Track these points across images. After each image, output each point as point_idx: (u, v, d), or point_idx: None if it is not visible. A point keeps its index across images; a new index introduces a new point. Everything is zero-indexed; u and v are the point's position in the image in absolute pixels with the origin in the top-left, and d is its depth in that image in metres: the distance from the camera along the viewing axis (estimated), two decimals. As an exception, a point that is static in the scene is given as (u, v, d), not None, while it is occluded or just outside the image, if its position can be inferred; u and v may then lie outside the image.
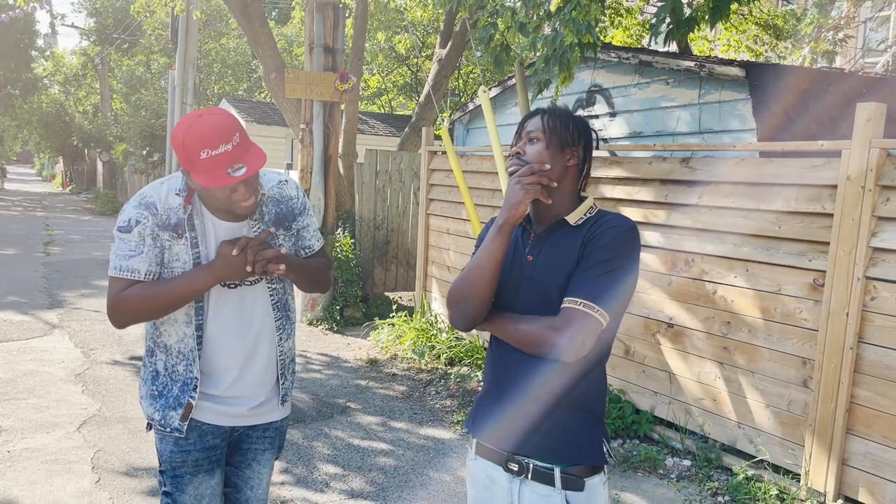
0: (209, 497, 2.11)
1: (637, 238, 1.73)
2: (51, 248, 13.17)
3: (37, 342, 6.45)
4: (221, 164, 1.80)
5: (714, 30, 12.70)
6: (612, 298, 1.65)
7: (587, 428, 1.75)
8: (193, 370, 2.03)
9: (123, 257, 1.94)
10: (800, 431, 3.70)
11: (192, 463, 2.07)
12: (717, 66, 4.38)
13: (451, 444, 4.52)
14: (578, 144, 1.78)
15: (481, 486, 1.85)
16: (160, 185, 2.01)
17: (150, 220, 1.94)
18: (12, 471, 3.83)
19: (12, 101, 27.78)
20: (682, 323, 4.33)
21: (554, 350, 1.63)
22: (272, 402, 2.18)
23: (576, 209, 1.78)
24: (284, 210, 2.12)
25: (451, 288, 1.81)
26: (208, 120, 1.82)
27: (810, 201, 3.64)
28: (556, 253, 1.74)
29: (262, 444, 2.20)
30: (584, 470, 1.73)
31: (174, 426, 2.04)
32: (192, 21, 11.85)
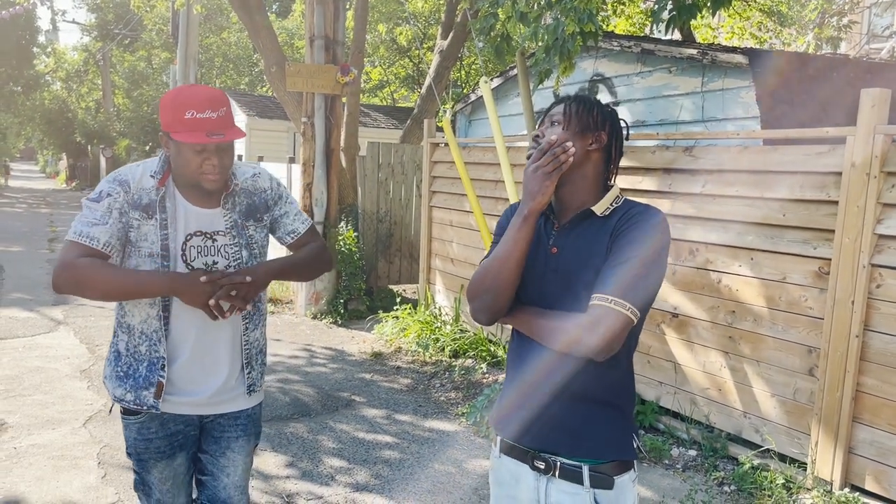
0: (173, 478, 2.20)
1: (667, 231, 1.66)
2: (55, 245, 13.19)
3: (42, 339, 6.47)
4: (202, 127, 1.90)
5: (717, 17, 12.63)
6: (644, 295, 1.60)
7: (615, 423, 1.70)
8: (160, 350, 2.06)
9: (86, 224, 1.96)
10: (806, 420, 3.68)
11: (154, 450, 2.14)
12: (720, 53, 4.34)
13: (456, 436, 4.51)
14: (601, 130, 1.71)
15: (506, 484, 1.81)
16: (136, 167, 2.08)
17: (122, 195, 1.99)
18: (19, 467, 3.84)
19: (15, 98, 27.83)
20: (687, 312, 4.31)
21: (584, 350, 1.58)
22: (237, 390, 2.19)
23: (602, 199, 1.70)
24: (257, 202, 2.18)
25: (471, 280, 1.75)
26: (200, 89, 1.96)
27: (815, 189, 3.62)
28: (583, 245, 1.68)
29: (234, 433, 2.23)
30: (613, 467, 1.68)
31: (150, 404, 2.07)
32: (193, 15, 11.83)
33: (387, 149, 8.63)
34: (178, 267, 2.04)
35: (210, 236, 2.08)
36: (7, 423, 4.43)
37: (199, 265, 2.06)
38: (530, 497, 1.75)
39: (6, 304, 7.81)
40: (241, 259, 2.12)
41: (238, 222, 2.13)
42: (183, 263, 2.04)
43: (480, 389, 5.21)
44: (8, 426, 4.38)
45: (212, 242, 2.08)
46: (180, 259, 2.04)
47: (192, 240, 2.05)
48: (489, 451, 4.23)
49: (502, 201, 5.88)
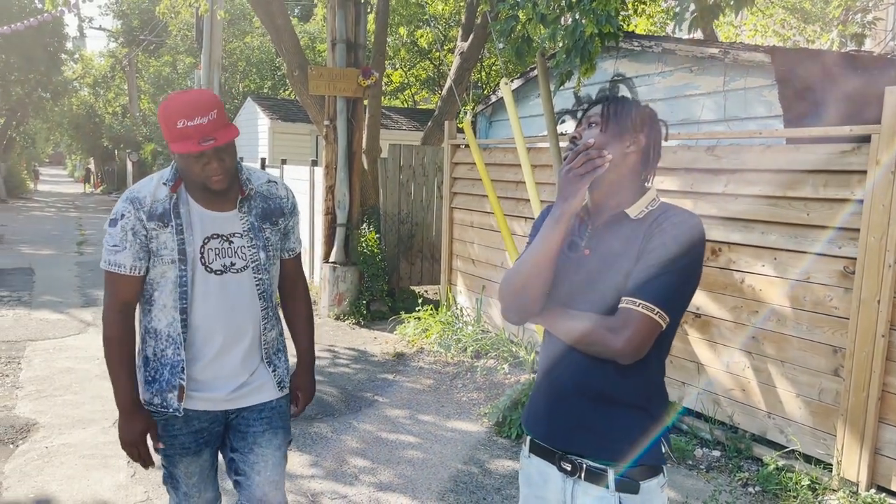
0: (199, 473, 2.28)
1: (702, 235, 1.62)
2: (84, 248, 13.42)
3: (72, 340, 6.59)
4: (194, 135, 1.93)
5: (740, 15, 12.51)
6: (674, 300, 1.59)
7: (643, 427, 1.67)
8: (180, 353, 2.13)
9: (110, 251, 2.08)
10: (831, 421, 3.66)
11: (179, 446, 2.21)
12: (742, 52, 4.32)
13: (478, 436, 4.53)
14: (640, 132, 1.68)
15: (535, 484, 1.81)
16: (150, 180, 2.15)
17: (133, 214, 2.06)
18: (51, 466, 3.93)
19: (43, 105, 28.30)
20: (710, 313, 4.29)
21: (610, 352, 1.59)
22: (256, 383, 2.24)
23: (637, 201, 1.68)
24: (272, 206, 2.24)
25: (503, 279, 1.75)
26: (189, 95, 1.98)
27: (839, 188, 3.59)
28: (615, 248, 1.66)
29: (259, 426, 2.26)
30: (640, 472, 1.65)
31: (174, 407, 2.15)
32: (217, 21, 11.98)
33: (408, 151, 8.68)
34: (197, 270, 2.09)
35: (227, 238, 2.13)
36: (39, 422, 4.53)
37: (217, 267, 2.12)
38: (558, 498, 1.75)
39: (37, 306, 7.97)
40: (258, 260, 2.17)
41: (255, 225, 2.18)
42: (202, 266, 2.10)
43: (503, 390, 5.22)
44: (40, 426, 4.48)
45: (228, 245, 2.13)
46: (199, 262, 2.10)
47: (210, 243, 2.11)
48: (512, 451, 4.26)
49: (523, 202, 5.89)
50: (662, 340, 1.64)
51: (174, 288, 2.09)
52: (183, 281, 2.08)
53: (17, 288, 8.99)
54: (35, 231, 16.18)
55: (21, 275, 10.01)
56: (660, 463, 1.68)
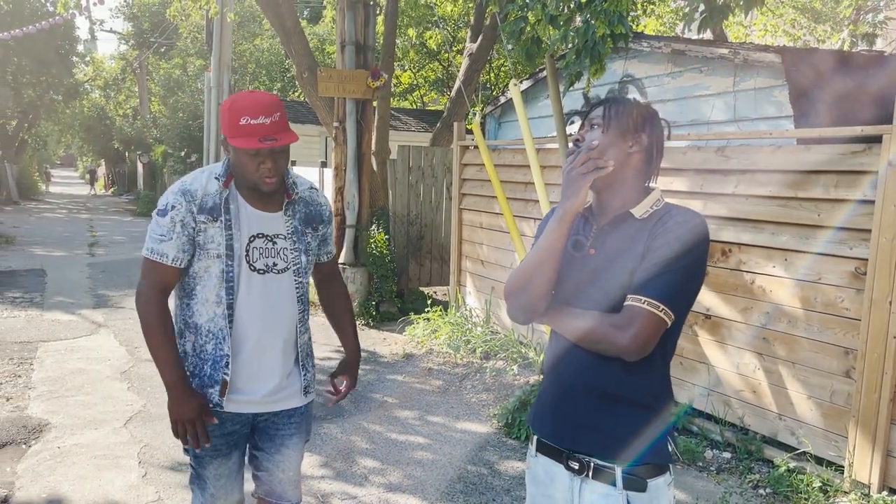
0: (227, 476, 2.30)
1: (706, 234, 1.65)
2: (95, 250, 13.50)
3: (84, 341, 6.64)
4: (256, 133, 1.98)
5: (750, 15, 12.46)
6: (678, 297, 1.61)
7: (650, 426, 1.69)
8: (224, 348, 2.15)
9: (156, 240, 2.10)
10: (843, 422, 3.64)
11: (211, 448, 2.22)
12: (752, 52, 4.30)
13: (488, 437, 4.53)
14: (641, 132, 1.70)
15: (542, 483, 1.82)
16: (201, 173, 2.17)
17: (184, 206, 2.08)
18: (63, 466, 3.95)
19: (55, 107, 28.49)
20: (720, 314, 4.28)
21: (616, 349, 1.60)
22: (290, 389, 2.29)
23: (642, 201, 1.71)
24: (314, 212, 2.30)
25: (508, 279, 1.77)
26: (256, 95, 2.04)
27: (850, 188, 3.57)
28: (620, 247, 1.68)
29: (289, 430, 2.32)
30: (647, 470, 1.67)
31: (215, 401, 2.17)
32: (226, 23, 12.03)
33: (417, 152, 8.69)
34: (241, 267, 2.12)
35: (271, 239, 2.17)
36: (51, 423, 4.57)
37: (260, 266, 2.15)
38: (565, 497, 1.76)
39: (49, 307, 8.03)
40: (300, 263, 2.22)
41: (298, 228, 2.23)
42: (246, 264, 2.13)
43: (512, 391, 5.22)
44: (52, 426, 4.51)
45: (272, 245, 2.17)
46: (244, 259, 2.13)
47: (255, 241, 2.15)
48: (521, 452, 4.25)
49: (532, 203, 5.89)
50: (667, 339, 1.66)
51: (218, 283, 2.11)
52: (230, 276, 2.11)
53: (29, 289, 9.06)
54: (47, 232, 16.29)
55: (33, 276, 10.08)
56: (667, 461, 1.70)
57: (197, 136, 18.99)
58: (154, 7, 27.67)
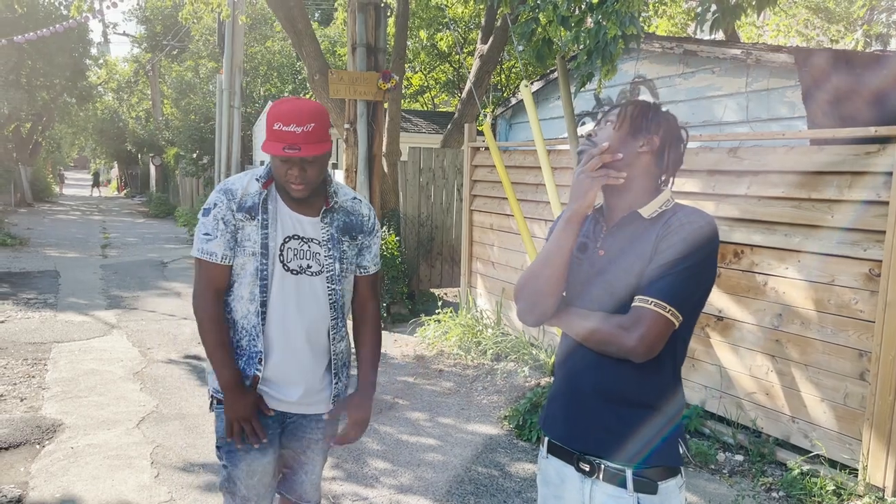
0: (260, 473, 2.27)
1: (715, 235, 1.64)
2: (108, 251, 13.60)
3: (97, 342, 6.68)
4: (282, 139, 2.01)
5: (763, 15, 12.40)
6: (686, 298, 1.60)
7: (660, 428, 1.68)
8: (258, 344, 2.18)
9: (203, 239, 2.16)
10: (857, 425, 3.61)
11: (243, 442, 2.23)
12: (765, 52, 4.28)
13: (499, 440, 4.53)
14: (654, 133, 1.69)
15: (553, 484, 1.83)
16: (245, 175, 2.23)
17: (224, 203, 2.14)
18: (76, 466, 3.98)
19: (69, 109, 28.73)
20: (732, 316, 4.26)
21: (623, 350, 1.60)
22: (321, 395, 2.30)
23: (650, 202, 1.70)
24: (354, 222, 2.29)
25: (518, 281, 1.78)
26: (297, 103, 2.06)
27: (864, 189, 3.54)
28: (629, 248, 1.67)
29: (316, 435, 2.35)
30: (657, 472, 1.66)
31: None
32: (238, 26, 12.09)
33: (428, 154, 8.70)
34: (275, 266, 2.15)
35: (306, 241, 2.19)
36: (64, 423, 4.60)
37: (294, 267, 2.18)
38: (576, 498, 1.76)
39: (62, 308, 8.09)
40: (333, 271, 2.23)
41: (335, 236, 2.24)
42: (280, 264, 2.16)
43: (523, 393, 5.21)
44: (65, 426, 4.55)
45: (307, 247, 2.20)
46: (278, 259, 2.16)
47: (290, 242, 2.17)
48: (532, 454, 4.25)
49: (543, 204, 5.88)
50: (677, 341, 1.65)
51: (252, 280, 2.15)
52: (263, 274, 2.14)
53: (43, 290, 9.13)
54: (60, 234, 16.42)
55: (47, 277, 10.16)
56: (678, 464, 1.69)
57: (209, 138, 19.10)
58: (166, 10, 27.84)
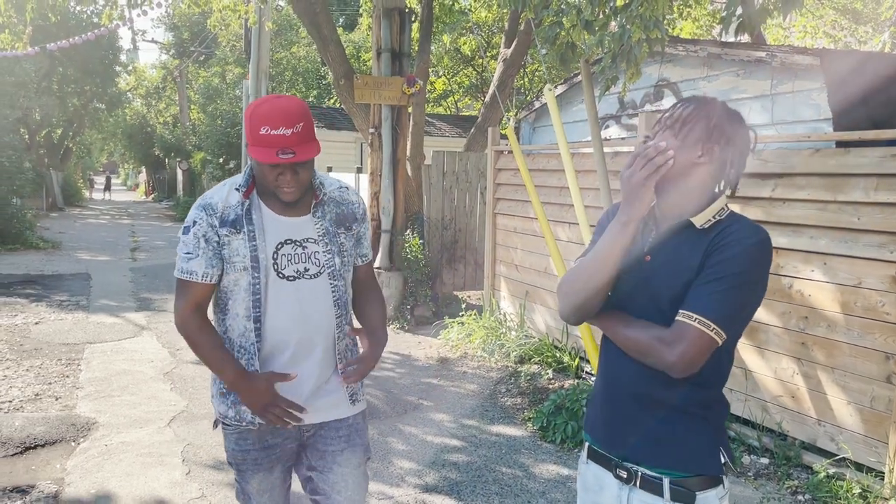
0: (270, 490, 2.23)
1: (768, 251, 1.58)
2: (137, 254, 13.83)
3: (128, 343, 6.82)
4: (275, 145, 1.89)
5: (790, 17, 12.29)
6: (732, 317, 1.54)
7: (700, 436, 1.64)
8: (254, 363, 2.08)
9: (184, 259, 2.06)
10: (883, 428, 3.58)
11: (251, 461, 2.18)
12: (790, 55, 4.27)
13: (523, 441, 4.56)
14: (715, 143, 1.60)
15: (591, 490, 1.81)
16: (222, 187, 2.11)
17: (205, 220, 2.03)
18: (110, 463, 4.08)
19: (98, 115, 29.24)
20: (758, 318, 4.25)
21: (662, 364, 1.56)
22: (333, 397, 2.18)
23: (704, 210, 1.62)
24: (345, 212, 2.20)
25: (564, 277, 1.73)
26: (279, 102, 1.93)
27: (891, 191, 3.53)
28: (676, 257, 1.62)
29: (338, 445, 2.19)
30: (697, 482, 1.61)
31: (248, 419, 2.11)
32: (265, 32, 12.23)
33: (451, 157, 8.75)
34: (269, 277, 2.05)
35: (300, 244, 2.08)
36: (98, 421, 4.71)
37: (290, 273, 2.07)
38: None
39: (94, 309, 8.26)
40: (334, 266, 2.12)
41: (330, 230, 2.13)
42: (274, 273, 2.05)
43: (546, 395, 5.23)
44: (99, 425, 4.66)
45: (302, 250, 2.08)
46: (272, 269, 2.05)
47: (283, 248, 2.06)
48: (556, 456, 4.28)
49: (567, 207, 5.90)
50: (722, 356, 1.61)
51: (246, 296, 2.04)
52: (256, 288, 2.03)
53: (75, 292, 9.33)
54: (91, 238, 16.73)
55: (79, 280, 10.38)
56: (719, 473, 1.63)
57: (235, 142, 19.34)
58: (194, 17, 28.25)
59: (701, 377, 1.60)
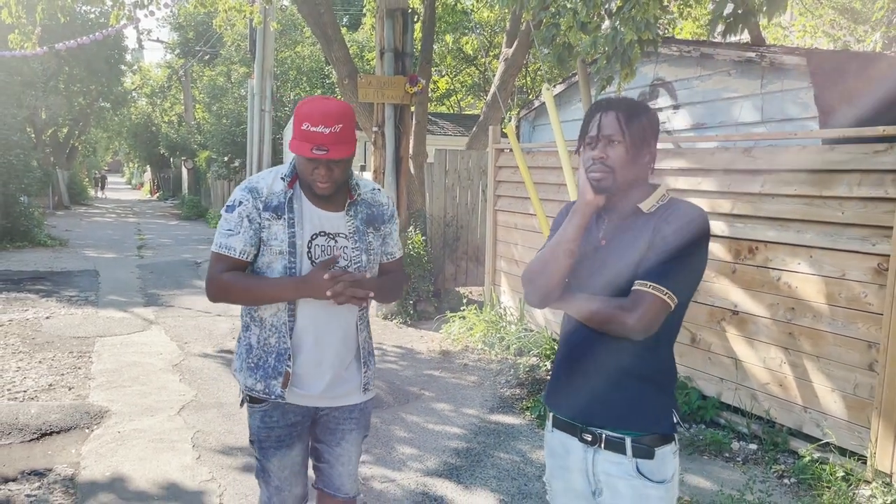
0: (290, 466, 2.38)
1: (705, 226, 1.81)
2: (144, 252, 14.02)
3: (137, 336, 6.99)
4: (311, 140, 2.07)
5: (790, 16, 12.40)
6: (680, 282, 1.78)
7: (656, 399, 1.86)
8: (287, 341, 2.24)
9: (224, 235, 2.21)
10: (866, 414, 3.73)
11: (275, 438, 2.33)
12: (779, 55, 4.42)
13: (521, 429, 4.71)
14: (652, 139, 1.87)
15: (559, 455, 1.99)
16: (269, 173, 2.29)
17: (251, 202, 2.19)
18: (123, 448, 4.25)
19: (104, 114, 29.48)
20: (747, 310, 4.40)
21: (623, 329, 1.76)
22: (349, 385, 2.36)
23: (649, 197, 1.87)
24: (375, 213, 2.37)
25: (527, 267, 1.95)
26: (324, 103, 2.11)
27: (873, 186, 3.67)
28: (628, 239, 1.84)
29: (349, 425, 2.41)
30: (654, 439, 1.83)
31: (277, 393, 2.26)
32: (269, 32, 12.40)
33: (453, 156, 8.90)
34: (303, 263, 2.21)
35: (332, 237, 2.25)
36: (111, 410, 4.88)
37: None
38: (580, 467, 1.93)
39: (103, 305, 8.44)
40: (360, 262, 2.29)
41: (360, 228, 2.30)
42: (308, 260, 2.21)
43: (544, 385, 5.38)
44: (112, 413, 4.82)
45: (334, 243, 2.25)
46: (305, 256, 2.21)
47: (317, 239, 2.23)
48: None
49: (567, 203, 6.04)
50: (672, 321, 1.83)
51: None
52: (291, 272, 2.19)
53: (84, 288, 9.51)
54: (98, 236, 16.93)
55: (87, 276, 10.56)
56: (671, 431, 1.87)
57: (240, 141, 19.49)
58: (199, 17, 28.44)
59: (655, 342, 1.82)
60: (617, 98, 1.93)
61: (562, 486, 2.01)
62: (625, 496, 1.85)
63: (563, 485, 2.00)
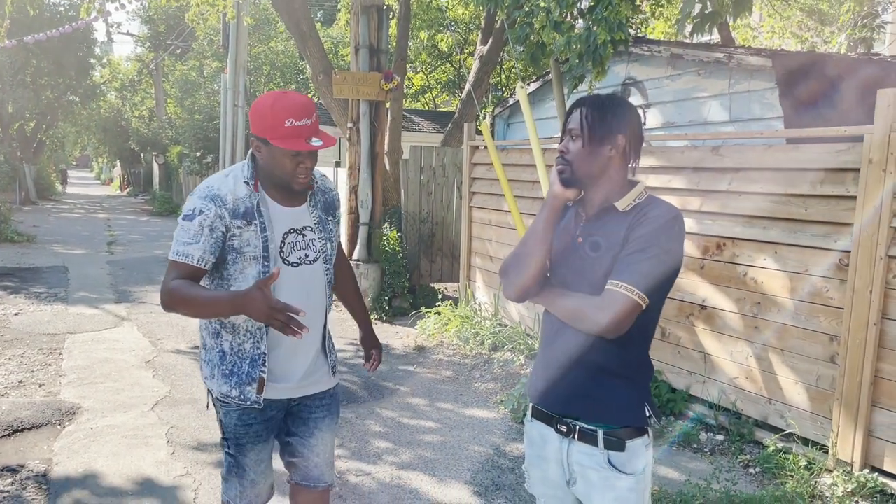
0: (266, 459, 2.39)
1: (681, 226, 1.83)
2: (114, 248, 13.85)
3: (108, 333, 6.93)
4: (302, 134, 2.07)
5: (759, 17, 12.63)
6: (653, 283, 1.78)
7: (628, 394, 1.89)
8: (261, 346, 2.21)
9: (182, 243, 2.10)
10: (827, 405, 3.86)
11: (253, 434, 2.31)
12: (745, 56, 4.53)
13: (495, 423, 4.78)
14: (617, 133, 1.85)
15: (536, 444, 2.05)
16: (225, 178, 2.18)
17: (213, 211, 2.09)
18: (96, 444, 4.23)
19: (72, 108, 28.95)
20: (715, 305, 4.50)
21: (596, 327, 1.79)
22: (319, 372, 2.37)
23: (626, 195, 1.88)
24: (329, 199, 2.40)
25: (504, 260, 2.01)
26: (295, 96, 2.11)
27: (835, 185, 3.79)
28: (604, 236, 1.86)
29: (321, 412, 2.41)
30: (626, 432, 1.87)
31: (252, 399, 2.24)
32: (243, 26, 12.32)
33: (429, 152, 8.94)
34: (277, 264, 2.18)
35: (300, 232, 2.25)
36: (83, 406, 4.85)
37: (294, 260, 2.23)
38: (556, 457, 1.99)
39: (73, 301, 8.35)
40: (326, 251, 2.31)
41: (321, 217, 2.32)
42: (281, 260, 2.20)
43: (518, 380, 5.46)
44: (84, 409, 4.80)
45: (302, 238, 2.26)
46: (279, 256, 2.20)
47: (288, 237, 2.22)
48: (525, 434, 4.49)
49: (539, 200, 6.12)
50: (647, 319, 1.87)
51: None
52: (266, 277, 2.10)
53: (53, 285, 9.39)
54: (67, 232, 16.67)
55: (56, 273, 10.42)
56: (644, 425, 1.91)
57: (213, 136, 19.32)
58: (170, 10, 28.09)
59: (629, 340, 1.85)
60: (596, 94, 1.95)
61: (539, 475, 2.07)
62: (596, 486, 1.91)
63: (541, 473, 2.06)
